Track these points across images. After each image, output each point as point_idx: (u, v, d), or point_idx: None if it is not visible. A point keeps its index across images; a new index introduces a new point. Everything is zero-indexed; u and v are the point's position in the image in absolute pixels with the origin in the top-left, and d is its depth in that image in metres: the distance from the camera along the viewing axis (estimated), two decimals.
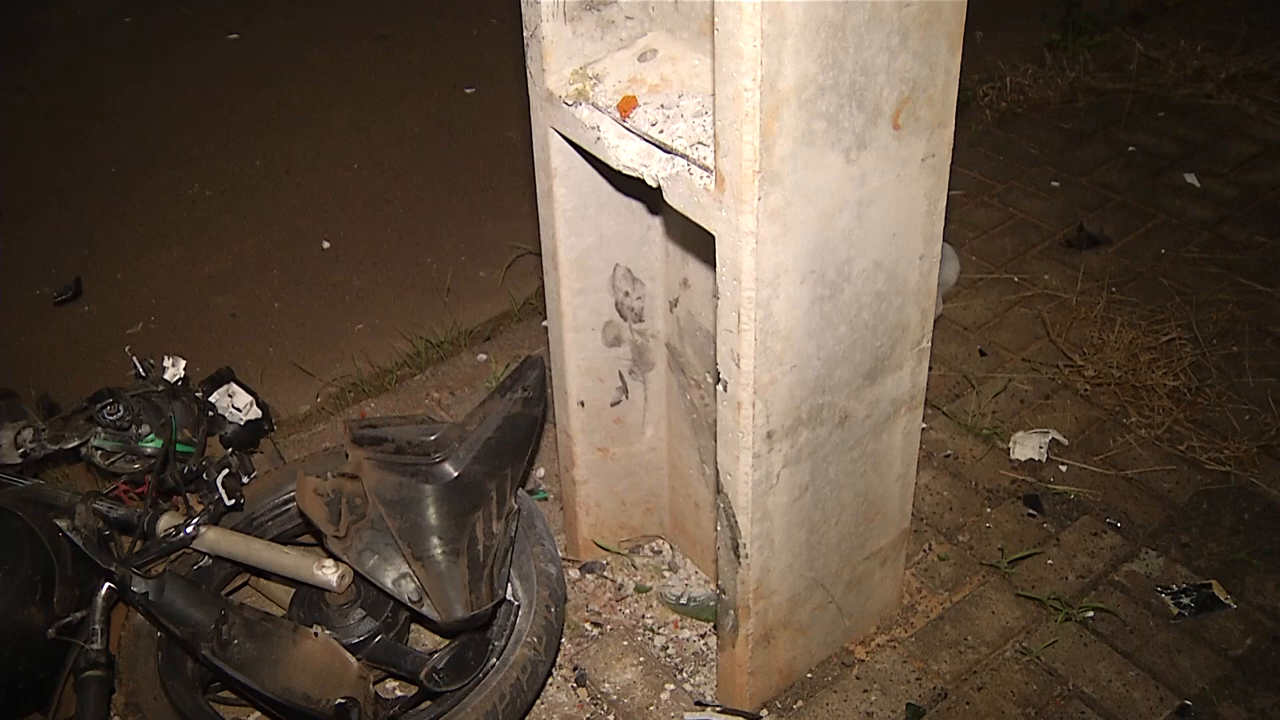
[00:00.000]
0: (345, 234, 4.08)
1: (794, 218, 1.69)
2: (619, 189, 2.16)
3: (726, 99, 1.57)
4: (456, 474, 2.18)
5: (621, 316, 2.32)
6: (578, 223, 2.16)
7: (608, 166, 1.94)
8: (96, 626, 2.21)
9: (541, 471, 2.88)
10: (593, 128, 1.92)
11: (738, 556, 2.01)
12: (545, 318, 3.40)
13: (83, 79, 5.35)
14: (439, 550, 2.10)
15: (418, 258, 3.91)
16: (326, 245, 4.01)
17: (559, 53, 1.98)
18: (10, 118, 5.09)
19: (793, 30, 1.51)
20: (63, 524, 2.25)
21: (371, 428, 2.28)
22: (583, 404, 2.37)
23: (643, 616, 2.48)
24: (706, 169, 1.71)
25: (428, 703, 2.15)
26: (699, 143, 1.75)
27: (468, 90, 5.02)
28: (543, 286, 3.49)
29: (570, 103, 1.96)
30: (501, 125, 4.66)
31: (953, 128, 1.84)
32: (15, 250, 4.14)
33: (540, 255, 2.31)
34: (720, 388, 1.85)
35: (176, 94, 5.18)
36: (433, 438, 2.23)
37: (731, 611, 2.11)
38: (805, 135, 1.63)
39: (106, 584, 2.23)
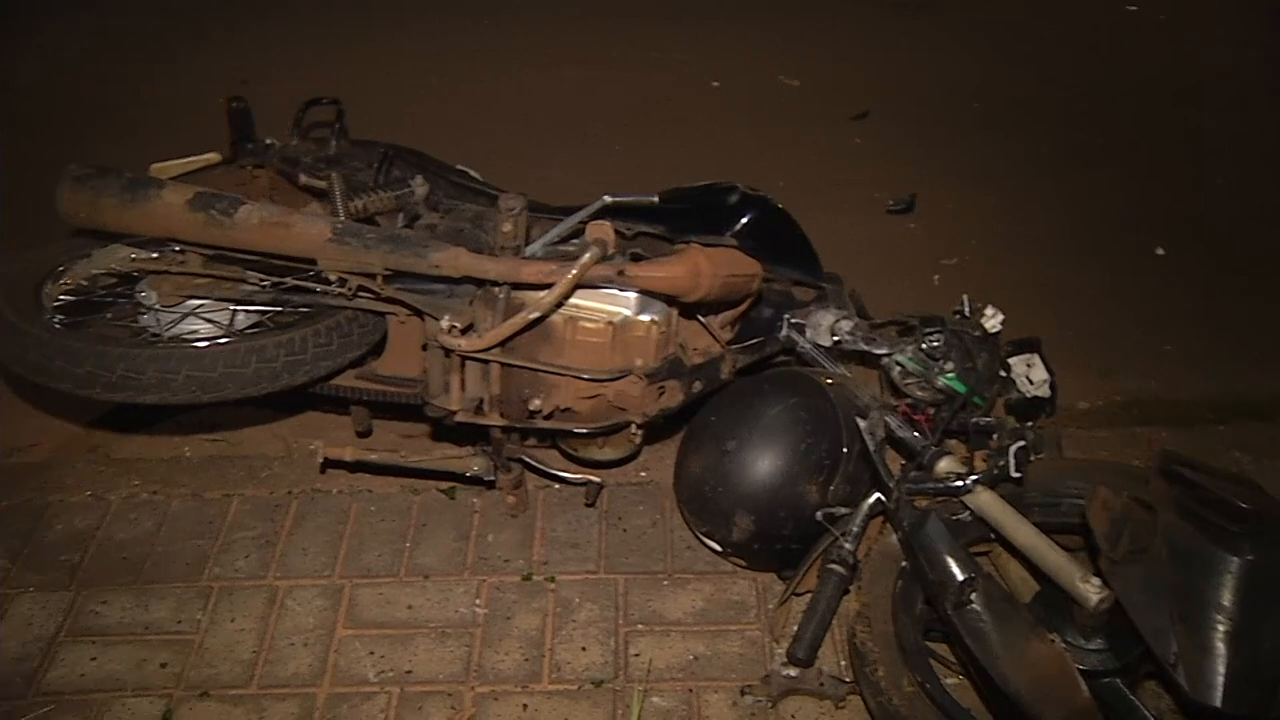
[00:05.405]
0: (1181, 243, 3.84)
1: None
2: None
3: None
4: (1254, 557, 1.94)
5: None
6: None
7: None
8: (855, 529, 2.30)
9: None
10: None
11: None
12: None
13: None
14: (1218, 626, 1.89)
15: (1250, 295, 3.59)
16: (1160, 252, 3.80)
17: None
18: None
19: None
20: (863, 424, 2.35)
21: (1189, 468, 2.10)
22: None
23: None
24: None
25: None
26: None
27: None
28: None
29: None
30: None
31: None
32: (871, 152, 4.42)
33: None
34: None
35: None
36: (1247, 505, 2.01)
37: None
38: None
39: (877, 495, 2.31)
